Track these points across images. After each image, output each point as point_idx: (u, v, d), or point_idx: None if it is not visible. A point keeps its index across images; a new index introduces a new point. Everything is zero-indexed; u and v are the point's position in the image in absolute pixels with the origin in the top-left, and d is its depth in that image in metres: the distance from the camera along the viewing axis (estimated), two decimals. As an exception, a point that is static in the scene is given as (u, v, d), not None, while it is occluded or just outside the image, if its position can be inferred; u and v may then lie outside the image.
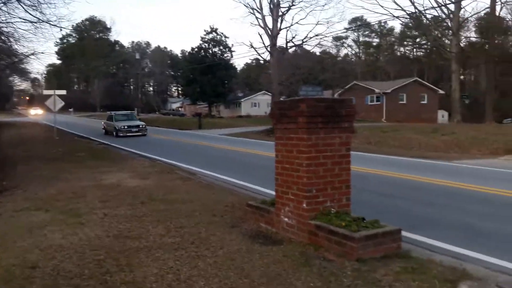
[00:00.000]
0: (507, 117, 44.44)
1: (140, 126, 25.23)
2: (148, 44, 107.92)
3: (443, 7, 34.28)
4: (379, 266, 3.97)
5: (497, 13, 35.26)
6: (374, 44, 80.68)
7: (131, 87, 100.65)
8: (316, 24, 62.18)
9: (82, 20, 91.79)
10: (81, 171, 10.73)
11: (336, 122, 4.86)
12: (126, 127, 24.59)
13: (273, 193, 5.38)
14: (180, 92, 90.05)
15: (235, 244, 4.69)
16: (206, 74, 53.47)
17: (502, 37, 40.10)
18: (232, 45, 62.44)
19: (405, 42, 75.10)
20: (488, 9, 35.67)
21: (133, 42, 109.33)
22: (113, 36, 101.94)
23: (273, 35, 32.47)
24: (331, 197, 4.86)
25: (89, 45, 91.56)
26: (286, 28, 38.95)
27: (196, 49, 58.16)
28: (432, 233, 5.30)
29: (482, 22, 42.22)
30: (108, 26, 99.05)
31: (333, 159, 4.87)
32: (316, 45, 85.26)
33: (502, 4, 34.50)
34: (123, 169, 11.03)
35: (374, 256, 4.16)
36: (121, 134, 24.02)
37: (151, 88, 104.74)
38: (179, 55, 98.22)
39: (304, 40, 34.62)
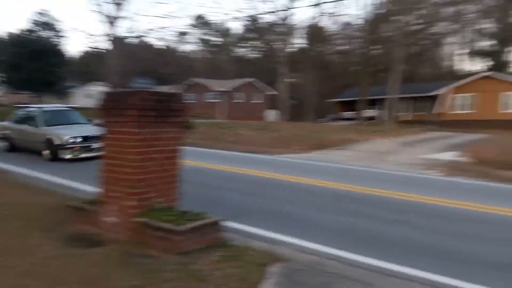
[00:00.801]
0: (326, 117, 50.96)
1: None
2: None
3: (276, 13, 37.49)
4: (201, 257, 4.15)
5: (321, 23, 40.25)
6: (215, 43, 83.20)
7: None
8: (158, 17, 60.93)
9: None
10: None
11: (167, 116, 4.85)
12: (79, 140, 11.63)
13: (99, 191, 5.12)
14: (1, 79, 77.48)
15: (51, 250, 4.30)
16: (34, 60, 47.34)
17: (323, 45, 45.86)
18: (66, 30, 56.78)
19: (243, 44, 79.47)
20: (314, 19, 40.38)
21: None
22: None
23: (112, 23, 30.75)
24: (160, 193, 4.85)
25: None
26: (126, 17, 37.40)
27: (23, 32, 50.97)
28: (253, 222, 5.76)
29: (308, 30, 47.60)
30: None
31: (164, 154, 4.85)
32: (157, 38, 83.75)
33: (326, 15, 39.64)
34: None
35: (198, 248, 4.33)
36: (69, 157, 11.40)
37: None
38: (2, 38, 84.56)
39: (145, 32, 33.79)
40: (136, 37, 36.84)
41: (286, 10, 36.44)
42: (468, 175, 11.20)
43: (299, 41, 51.60)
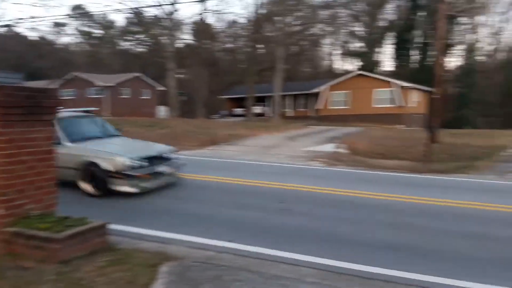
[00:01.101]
0: (216, 113, 51.42)
1: (170, 158, 8.27)
2: None
3: (161, 7, 36.51)
4: (83, 264, 3.88)
5: (207, 20, 40.35)
6: (97, 35, 78.12)
7: None
8: (30, 5, 55.07)
9: None
10: None
11: (38, 114, 4.44)
12: (145, 163, 7.35)
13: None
14: None
15: None
16: None
17: (211, 42, 46.09)
18: None
19: (128, 37, 75.94)
20: (200, 15, 40.31)
21: None
22: None
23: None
24: (34, 198, 4.42)
25: None
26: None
27: None
28: (143, 222, 5.57)
29: (194, 27, 47.40)
30: None
31: (36, 156, 4.44)
32: (30, 28, 75.59)
33: (211, 12, 39.80)
34: None
35: (80, 255, 4.04)
36: (129, 189, 7.09)
37: None
38: None
39: (15, 22, 30.26)
40: (4, 26, 32.83)
41: (171, 4, 35.73)
42: (345, 164, 12.28)
43: (186, 37, 51.12)
